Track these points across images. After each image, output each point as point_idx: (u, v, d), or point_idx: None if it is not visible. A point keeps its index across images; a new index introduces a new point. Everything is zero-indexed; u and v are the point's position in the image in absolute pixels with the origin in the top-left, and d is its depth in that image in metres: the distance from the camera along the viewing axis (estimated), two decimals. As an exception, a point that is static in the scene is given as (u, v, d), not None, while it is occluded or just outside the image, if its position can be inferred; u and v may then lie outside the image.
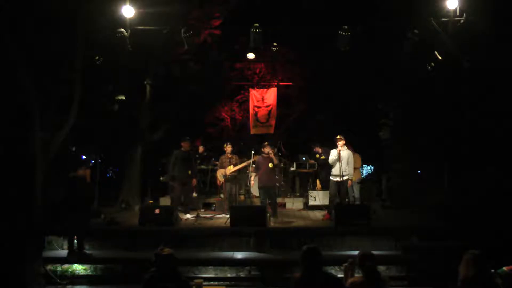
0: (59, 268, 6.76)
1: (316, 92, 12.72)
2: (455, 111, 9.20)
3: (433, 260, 6.49)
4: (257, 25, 8.29)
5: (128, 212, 9.67)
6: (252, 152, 9.11)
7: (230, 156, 9.23)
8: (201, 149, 9.98)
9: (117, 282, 6.52)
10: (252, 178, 8.92)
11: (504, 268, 3.22)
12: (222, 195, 9.90)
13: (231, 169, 9.05)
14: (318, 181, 10.56)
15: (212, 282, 6.36)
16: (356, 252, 3.80)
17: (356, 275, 3.72)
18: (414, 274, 6.46)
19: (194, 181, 9.30)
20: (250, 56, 11.57)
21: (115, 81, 9.62)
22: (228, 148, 9.32)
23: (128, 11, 7.38)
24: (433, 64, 8.42)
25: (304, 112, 13.41)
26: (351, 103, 12.58)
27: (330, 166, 8.36)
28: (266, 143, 8.64)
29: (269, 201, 8.42)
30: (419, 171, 11.06)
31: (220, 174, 9.33)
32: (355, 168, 8.84)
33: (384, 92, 10.98)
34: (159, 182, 11.06)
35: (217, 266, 6.69)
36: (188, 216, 8.75)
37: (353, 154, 8.51)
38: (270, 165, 8.31)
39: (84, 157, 13.30)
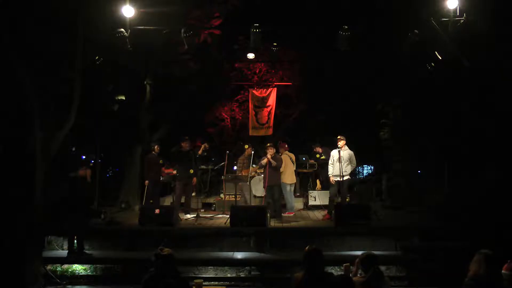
0: (59, 268, 6.78)
1: (316, 92, 12.71)
2: (455, 111, 9.20)
3: (433, 260, 6.49)
4: (257, 25, 8.31)
5: (128, 212, 9.67)
6: (253, 152, 9.12)
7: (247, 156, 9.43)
8: (200, 150, 9.81)
9: (117, 282, 6.54)
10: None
11: (504, 271, 3.24)
12: (222, 195, 9.90)
13: (255, 169, 9.32)
14: (318, 181, 10.57)
15: (212, 282, 6.38)
16: (356, 252, 3.80)
17: (358, 275, 3.72)
18: (414, 274, 6.46)
19: (194, 180, 9.29)
20: (250, 56, 11.57)
21: (115, 81, 9.62)
22: (250, 149, 9.39)
23: (128, 11, 7.37)
24: (433, 64, 8.43)
25: (304, 112, 13.41)
26: (351, 103, 12.56)
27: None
28: (268, 144, 8.68)
29: (269, 200, 8.43)
30: (419, 171, 11.06)
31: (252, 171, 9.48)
32: (287, 171, 8.95)
33: (384, 92, 10.98)
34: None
35: (217, 266, 6.71)
36: (188, 216, 8.76)
37: (285, 154, 9.02)
38: (273, 163, 8.35)
39: (84, 157, 13.32)
